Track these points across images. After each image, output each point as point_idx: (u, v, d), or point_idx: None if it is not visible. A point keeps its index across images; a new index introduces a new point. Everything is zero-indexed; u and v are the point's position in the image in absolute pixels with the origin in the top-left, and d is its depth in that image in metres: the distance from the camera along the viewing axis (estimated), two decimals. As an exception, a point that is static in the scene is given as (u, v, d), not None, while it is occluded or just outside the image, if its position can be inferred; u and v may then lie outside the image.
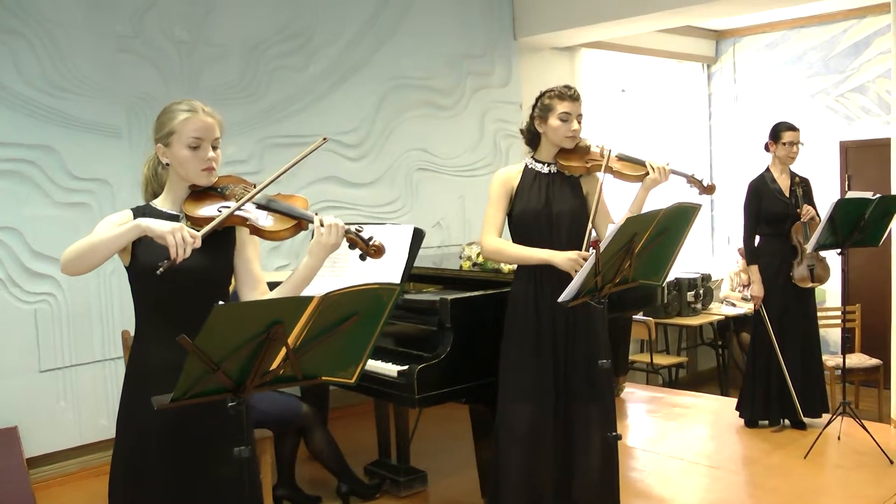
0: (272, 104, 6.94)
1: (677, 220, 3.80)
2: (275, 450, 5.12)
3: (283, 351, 2.48)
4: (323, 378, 2.70)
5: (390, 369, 4.75)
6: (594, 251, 3.58)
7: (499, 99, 8.57)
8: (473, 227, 8.13)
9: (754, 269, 6.52)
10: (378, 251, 2.94)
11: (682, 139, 10.94)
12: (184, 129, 2.92)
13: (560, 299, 3.70)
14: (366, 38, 7.55)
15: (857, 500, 5.24)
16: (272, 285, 5.96)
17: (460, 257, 6.08)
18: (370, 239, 2.94)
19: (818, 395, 6.53)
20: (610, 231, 3.57)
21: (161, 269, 2.66)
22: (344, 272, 5.16)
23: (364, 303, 2.56)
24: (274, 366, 2.52)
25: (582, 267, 3.93)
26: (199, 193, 3.01)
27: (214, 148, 2.99)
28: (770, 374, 6.45)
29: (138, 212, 2.99)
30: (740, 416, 6.73)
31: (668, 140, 10.60)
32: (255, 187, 3.02)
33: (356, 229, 2.96)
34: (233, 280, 3.13)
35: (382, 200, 7.71)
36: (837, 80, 10.05)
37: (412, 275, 5.51)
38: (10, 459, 5.09)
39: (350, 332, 2.58)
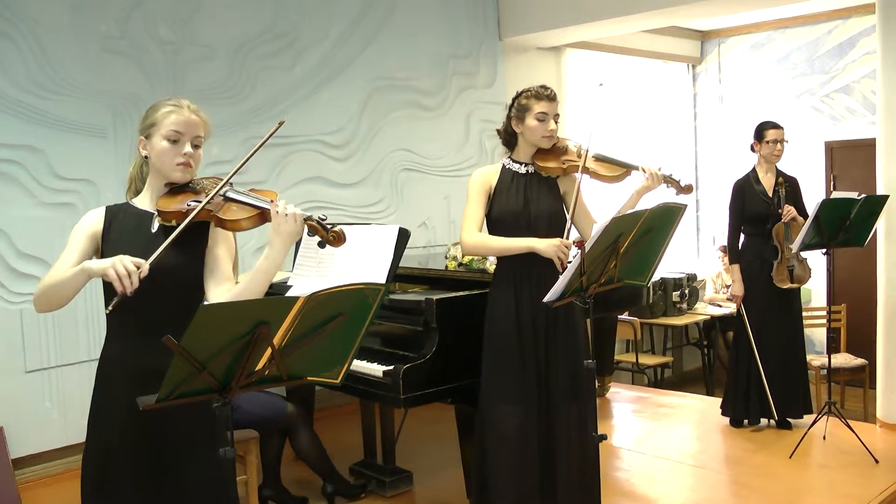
0: (257, 104, 6.93)
1: (662, 220, 3.81)
2: (260, 450, 5.12)
3: (269, 351, 2.48)
4: (308, 378, 2.70)
5: (376, 369, 4.75)
6: (579, 251, 3.59)
7: (484, 99, 8.57)
8: (458, 227, 8.12)
9: (735, 268, 6.54)
10: (338, 238, 2.89)
11: (667, 139, 10.96)
12: (165, 121, 2.95)
13: (545, 299, 3.70)
14: (351, 39, 7.55)
15: (843, 499, 5.26)
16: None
17: (446, 257, 6.09)
18: (331, 226, 2.90)
19: (801, 396, 6.54)
20: (595, 231, 3.57)
21: (110, 306, 2.70)
22: (329, 272, 5.17)
23: (349, 303, 2.56)
24: (259, 366, 2.52)
25: (565, 252, 3.97)
26: (175, 190, 3.02)
27: (196, 147, 3.01)
28: (751, 374, 6.47)
29: (112, 209, 3.05)
30: (723, 414, 6.75)
31: (652, 140, 10.62)
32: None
33: (318, 217, 2.91)
34: None
35: (368, 201, 7.70)
36: (822, 80, 10.08)
37: (397, 275, 5.50)
38: (-4, 460, 5.08)
39: (335, 332, 2.58)
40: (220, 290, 2.97)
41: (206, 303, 2.34)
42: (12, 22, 5.71)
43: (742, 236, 6.58)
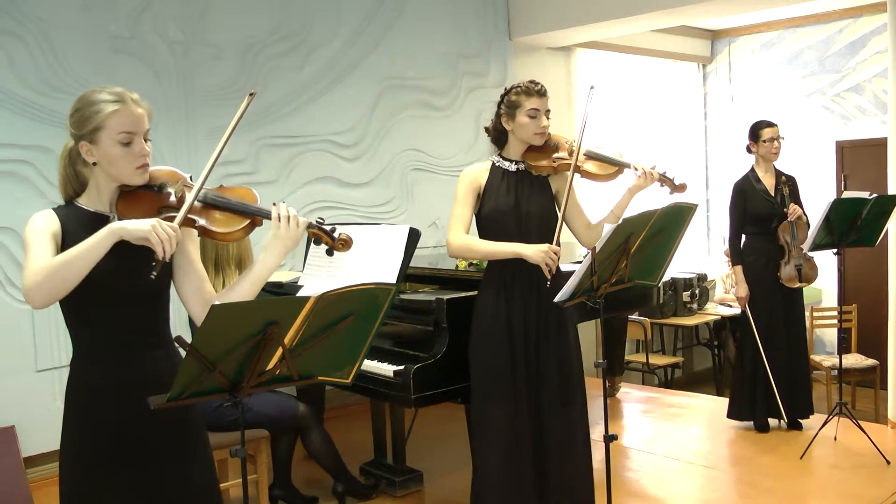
0: (267, 104, 6.94)
1: (673, 221, 3.80)
2: (271, 450, 5.12)
3: (280, 351, 2.48)
4: (319, 378, 2.70)
5: (386, 369, 4.75)
6: (590, 251, 3.58)
7: (494, 99, 8.32)
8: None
9: (738, 269, 6.49)
10: (345, 244, 2.77)
11: (677, 139, 10.94)
12: (113, 123, 2.63)
13: (556, 299, 3.70)
14: (361, 39, 7.56)
15: (854, 500, 5.24)
16: (270, 286, 5.96)
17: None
18: (333, 230, 2.77)
19: (805, 397, 6.50)
20: (606, 231, 3.56)
21: (154, 272, 2.48)
22: (340, 272, 5.16)
23: (360, 303, 2.56)
24: (270, 366, 2.52)
25: (553, 259, 3.92)
26: (132, 192, 2.74)
27: (146, 140, 2.70)
28: (758, 375, 6.42)
29: (61, 212, 2.71)
30: (730, 416, 6.66)
31: (662, 140, 10.60)
32: (191, 181, 2.78)
33: (317, 221, 2.78)
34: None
35: (378, 201, 7.71)
36: (833, 79, 10.06)
37: (408, 275, 5.51)
38: (8, 459, 5.08)
39: (346, 332, 2.58)
40: (200, 293, 2.83)
41: (216, 303, 2.28)
42: (22, 23, 5.74)
43: (744, 237, 6.55)
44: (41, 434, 5.80)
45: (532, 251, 4.02)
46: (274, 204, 2.75)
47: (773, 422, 6.54)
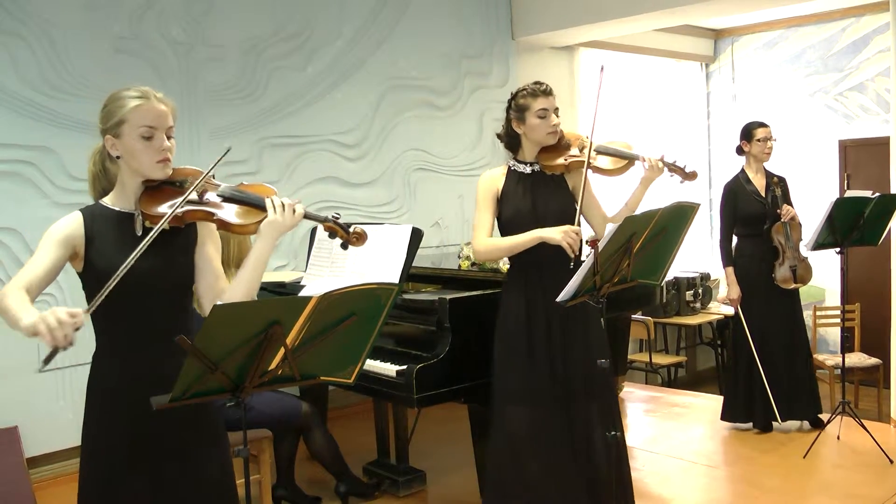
0: (270, 104, 6.95)
1: (676, 220, 3.79)
2: (274, 450, 5.12)
3: (282, 351, 2.48)
4: (321, 378, 2.70)
5: (389, 369, 4.75)
6: (593, 250, 3.58)
7: (497, 98, 8.55)
8: (472, 226, 8.11)
9: (730, 271, 6.47)
10: (360, 238, 2.88)
11: (681, 138, 10.92)
12: (135, 117, 2.71)
13: (558, 299, 3.69)
14: (364, 39, 7.56)
15: (857, 499, 5.23)
16: (272, 285, 5.97)
17: (459, 257, 6.08)
18: (349, 226, 2.87)
19: (810, 397, 6.47)
20: (608, 230, 3.56)
21: (41, 365, 2.42)
22: (343, 272, 5.17)
23: (362, 303, 2.56)
24: (272, 366, 2.52)
25: (574, 238, 3.94)
26: (155, 189, 2.81)
27: (169, 137, 2.78)
28: (752, 377, 6.41)
29: (87, 212, 2.79)
30: (723, 419, 6.67)
31: (665, 139, 10.58)
32: (213, 178, 2.87)
33: (333, 216, 2.87)
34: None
35: (381, 200, 7.71)
36: (836, 78, 10.04)
37: (411, 274, 5.50)
38: (11, 459, 5.09)
39: (348, 332, 2.58)
40: (215, 288, 2.90)
41: (218, 302, 2.29)
42: (25, 23, 5.74)
43: (735, 238, 6.55)
44: (44, 434, 5.81)
45: (552, 232, 4.07)
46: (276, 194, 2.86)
47: (773, 424, 6.53)
